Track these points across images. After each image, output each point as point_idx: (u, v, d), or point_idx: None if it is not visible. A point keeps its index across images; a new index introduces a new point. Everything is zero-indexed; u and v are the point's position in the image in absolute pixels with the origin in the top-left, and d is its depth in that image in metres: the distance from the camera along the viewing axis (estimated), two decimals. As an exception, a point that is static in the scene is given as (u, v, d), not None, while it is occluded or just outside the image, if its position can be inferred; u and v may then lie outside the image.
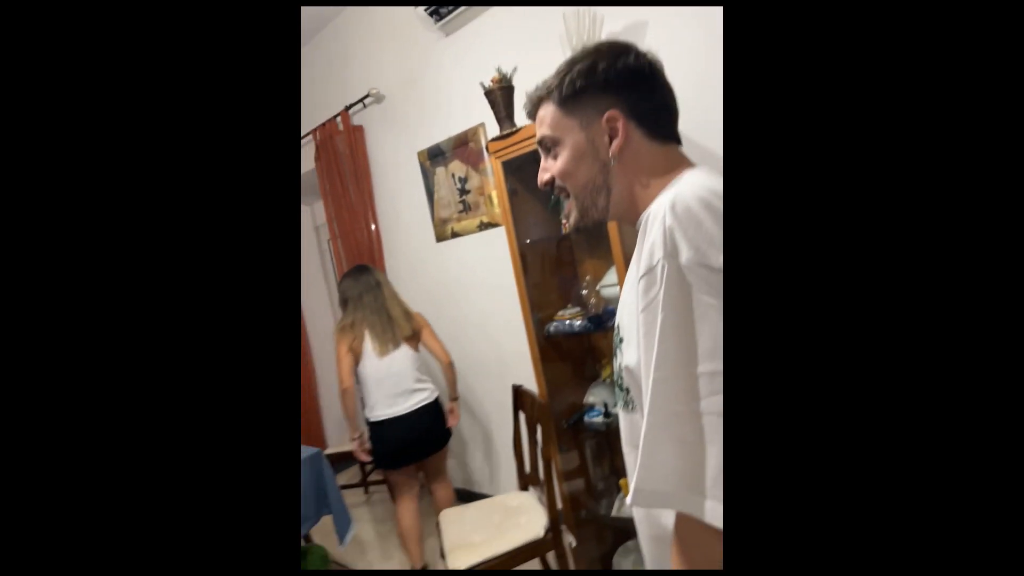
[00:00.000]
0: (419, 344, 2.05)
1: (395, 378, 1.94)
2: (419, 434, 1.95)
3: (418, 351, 2.04)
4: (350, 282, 2.04)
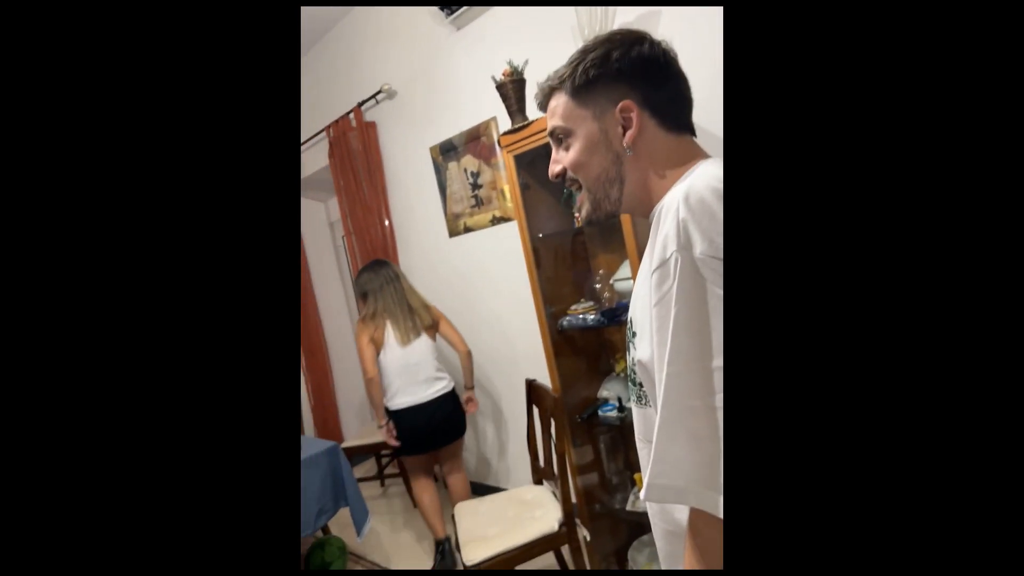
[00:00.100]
0: (436, 335, 2.11)
1: (415, 367, 2.01)
2: (438, 422, 2.02)
3: (435, 341, 2.10)
4: (369, 275, 2.09)
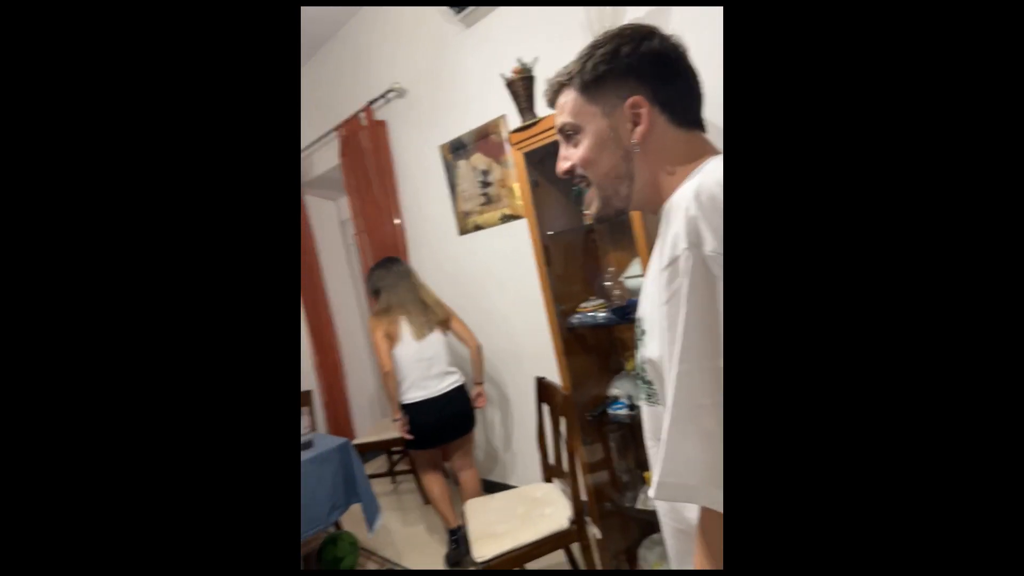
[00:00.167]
0: (447, 331, 2.14)
1: (429, 361, 2.05)
2: (449, 416, 2.06)
3: (447, 337, 2.13)
4: (382, 272, 2.13)
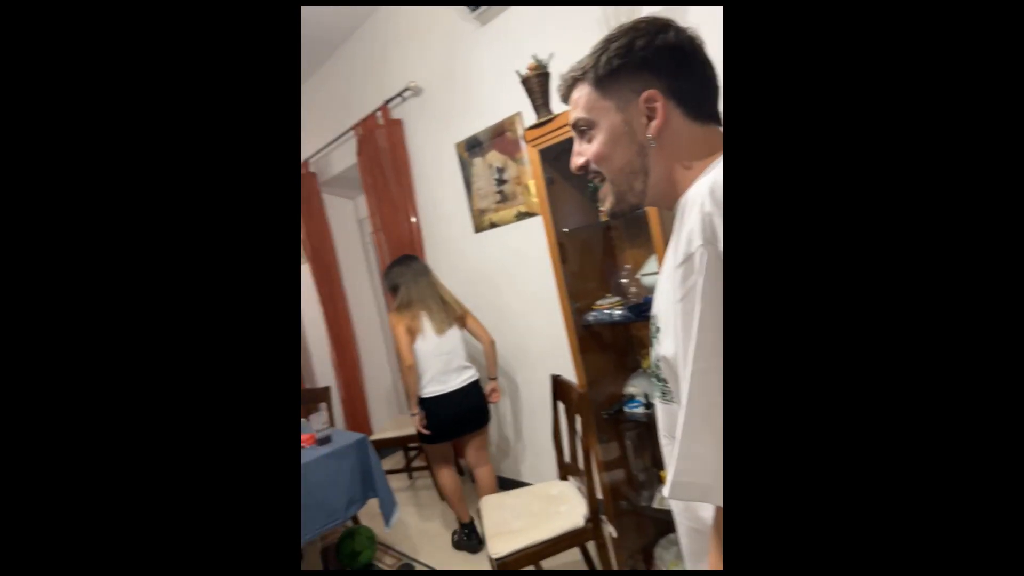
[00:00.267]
0: (463, 327, 2.19)
1: (448, 356, 2.10)
2: (466, 411, 2.12)
3: (462, 333, 2.18)
4: (400, 268, 2.17)
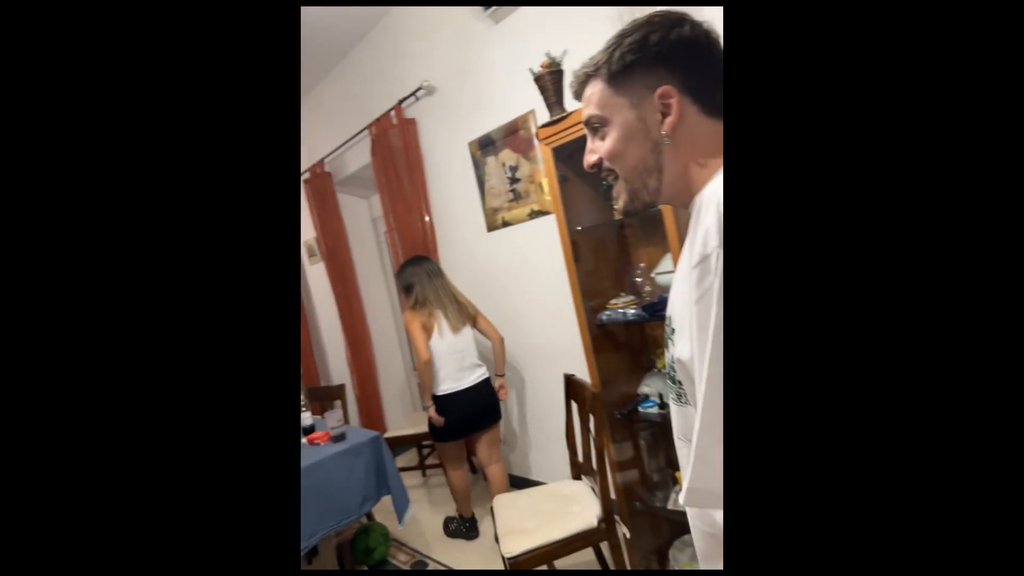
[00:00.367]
0: (475, 326, 2.23)
1: (462, 354, 2.15)
2: (479, 407, 2.17)
3: (473, 331, 2.22)
4: (413, 268, 2.20)
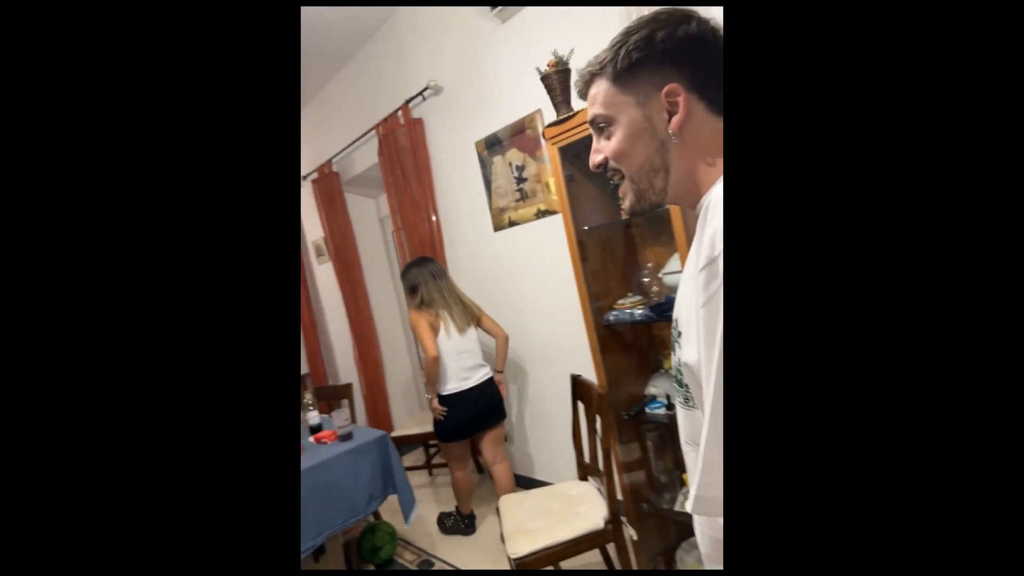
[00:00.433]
0: (479, 327, 2.25)
1: (467, 353, 2.17)
2: (484, 406, 2.18)
3: (477, 332, 2.24)
4: (417, 269, 2.23)
